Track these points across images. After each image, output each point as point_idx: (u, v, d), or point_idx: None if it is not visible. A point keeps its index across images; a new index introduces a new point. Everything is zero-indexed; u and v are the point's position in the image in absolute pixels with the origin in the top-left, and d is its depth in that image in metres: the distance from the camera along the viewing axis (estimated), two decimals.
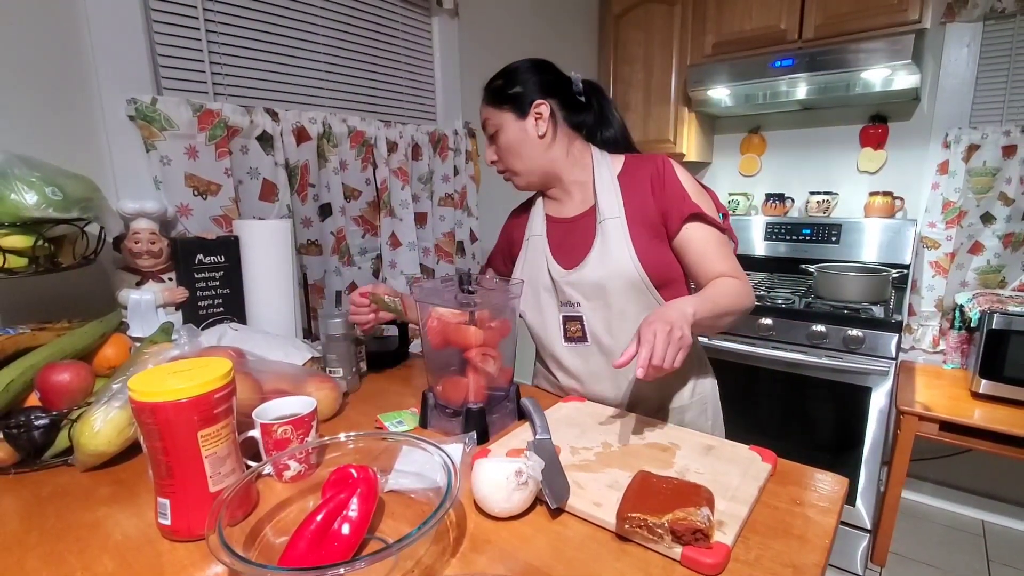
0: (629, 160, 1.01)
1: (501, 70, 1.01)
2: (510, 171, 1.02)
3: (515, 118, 0.97)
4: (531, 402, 0.84)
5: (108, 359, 0.86)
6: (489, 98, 1.00)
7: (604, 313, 0.96)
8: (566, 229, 1.02)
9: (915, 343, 2.17)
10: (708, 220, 0.93)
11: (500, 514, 0.61)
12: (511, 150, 0.99)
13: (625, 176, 0.98)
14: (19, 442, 0.70)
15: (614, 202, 0.96)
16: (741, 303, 0.90)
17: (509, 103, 0.97)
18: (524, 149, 0.98)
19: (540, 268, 1.02)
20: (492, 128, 1.00)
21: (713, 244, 0.94)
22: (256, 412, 0.72)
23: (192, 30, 1.17)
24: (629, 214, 0.95)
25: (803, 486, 0.69)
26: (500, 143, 0.99)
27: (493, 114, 0.99)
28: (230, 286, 1.11)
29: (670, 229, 0.94)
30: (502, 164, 1.02)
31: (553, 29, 2.28)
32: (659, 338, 0.72)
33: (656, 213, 0.94)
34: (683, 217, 0.92)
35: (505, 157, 1.00)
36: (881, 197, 2.17)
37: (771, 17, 2.06)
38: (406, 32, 1.66)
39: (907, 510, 2.18)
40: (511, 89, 0.97)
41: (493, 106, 0.99)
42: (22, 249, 0.77)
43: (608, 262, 0.94)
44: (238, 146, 1.23)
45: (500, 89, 0.98)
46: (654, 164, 0.96)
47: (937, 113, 2.07)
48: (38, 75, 0.96)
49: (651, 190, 0.95)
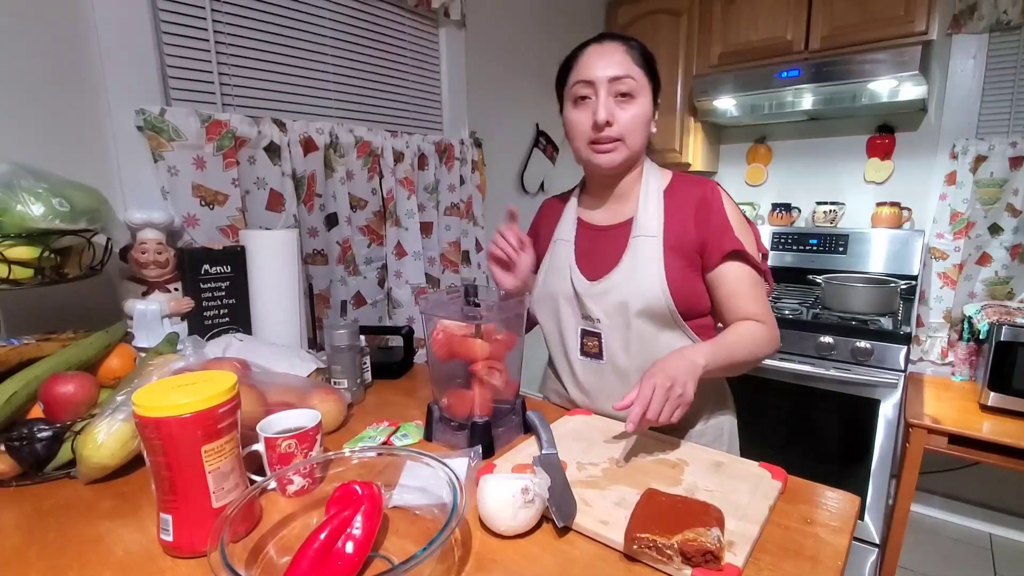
0: (677, 178, 0.95)
1: (639, 40, 0.91)
2: (622, 143, 0.89)
3: (651, 101, 0.90)
4: (537, 415, 0.83)
5: (113, 370, 0.86)
6: (639, 59, 0.88)
7: (623, 333, 0.91)
8: (595, 237, 0.97)
9: (923, 354, 2.15)
10: (748, 259, 0.89)
11: (506, 532, 0.60)
12: (640, 125, 0.89)
13: (671, 194, 0.93)
14: (21, 455, 0.70)
15: (654, 219, 0.91)
16: (760, 352, 0.88)
17: (654, 83, 0.90)
18: (644, 132, 0.90)
19: (563, 277, 0.97)
20: (631, 89, 0.87)
21: (747, 284, 0.90)
22: (260, 426, 0.71)
23: (201, 41, 1.18)
24: (667, 236, 0.89)
25: (814, 504, 0.68)
26: (632, 111, 0.87)
27: (640, 79, 0.87)
28: (236, 296, 1.11)
29: (707, 261, 0.90)
30: (618, 130, 0.87)
31: (559, 40, 2.29)
32: (657, 394, 0.72)
33: (695, 241, 0.89)
34: (723, 253, 0.88)
35: (628, 127, 0.88)
36: (888, 207, 2.16)
37: (777, 28, 2.06)
38: (413, 43, 1.67)
39: (915, 523, 2.15)
40: (655, 68, 0.90)
41: (643, 69, 0.88)
42: (28, 260, 0.77)
43: (635, 282, 0.89)
44: (245, 156, 1.23)
45: (651, 63, 0.90)
46: (703, 190, 0.91)
47: (944, 124, 2.06)
48: (48, 86, 0.97)
49: (694, 217, 0.90)
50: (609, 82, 0.86)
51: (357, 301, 1.53)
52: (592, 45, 0.91)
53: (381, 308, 1.63)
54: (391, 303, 1.64)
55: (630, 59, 0.87)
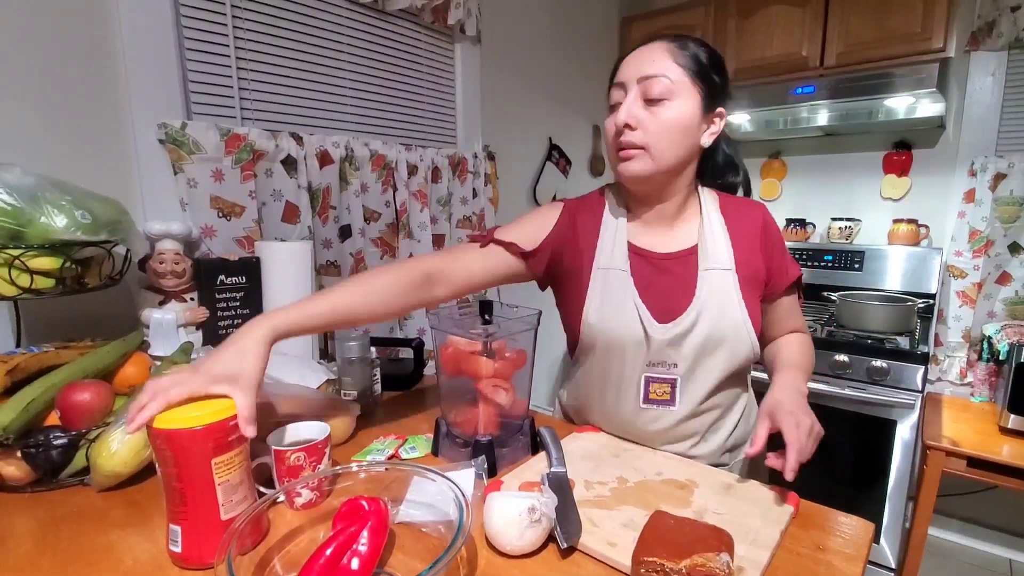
0: (724, 200, 0.88)
1: (700, 40, 0.81)
2: (644, 151, 0.78)
3: (700, 106, 0.78)
4: (549, 432, 0.83)
5: (129, 378, 0.87)
6: (684, 58, 0.77)
7: (702, 377, 0.84)
8: (655, 268, 0.85)
9: (942, 374, 2.11)
10: (799, 280, 0.91)
11: (512, 552, 0.60)
12: (672, 131, 0.78)
13: (729, 219, 0.86)
14: (37, 461, 0.71)
15: (723, 250, 0.83)
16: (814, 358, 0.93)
17: (705, 85, 0.78)
18: (680, 143, 0.79)
19: (630, 318, 0.83)
20: (661, 90, 0.76)
21: (794, 301, 0.93)
22: (270, 438, 0.71)
23: (223, 57, 1.21)
24: (739, 268, 0.83)
25: (827, 530, 0.67)
26: (662, 114, 0.77)
27: (679, 79, 0.77)
28: (250, 306, 1.13)
29: (772, 290, 0.87)
30: (641, 137, 0.78)
31: (574, 56, 2.31)
32: (808, 440, 0.72)
33: (762, 270, 0.85)
34: (791, 281, 0.88)
35: (656, 133, 0.77)
36: (906, 224, 2.13)
37: (792, 44, 2.06)
38: (429, 59, 1.70)
39: (932, 547, 2.10)
40: (714, 73, 0.79)
41: (684, 71, 0.77)
42: (50, 270, 0.79)
43: (717, 323, 0.81)
44: (263, 169, 1.25)
45: (703, 63, 0.79)
46: (760, 213, 0.86)
47: (963, 141, 2.04)
48: (75, 102, 1.00)
49: (760, 244, 0.85)
50: (638, 82, 0.77)
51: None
52: (639, 47, 0.82)
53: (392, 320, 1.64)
54: None
55: (670, 57, 0.77)
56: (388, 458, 0.85)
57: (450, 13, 1.64)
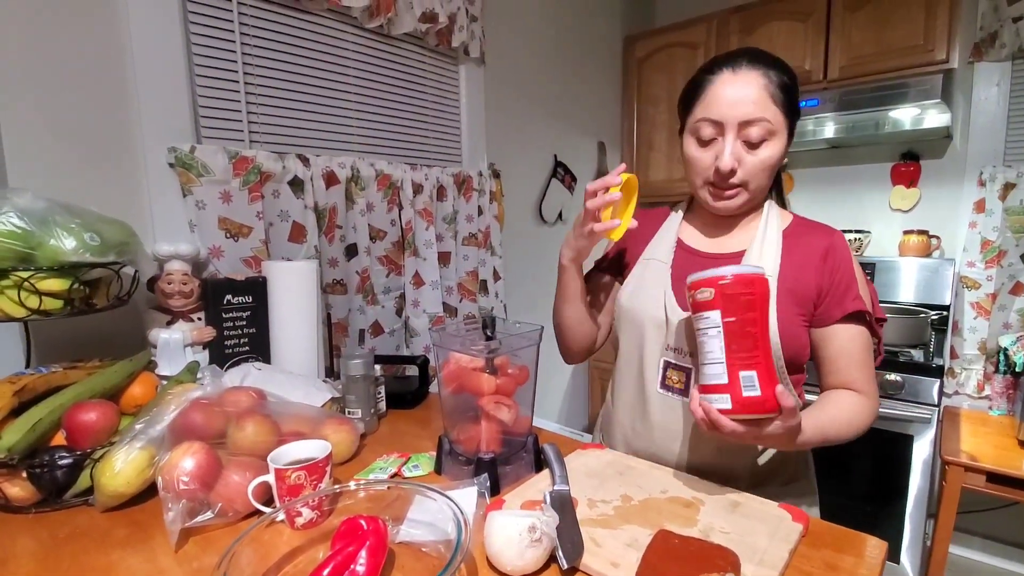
0: (799, 221, 0.88)
1: (775, 57, 0.79)
2: (744, 188, 0.81)
3: (787, 136, 0.79)
4: (553, 448, 0.82)
5: (135, 397, 0.88)
6: (779, 93, 0.76)
7: None
8: (697, 263, 0.85)
9: (959, 387, 2.06)
10: (867, 322, 0.81)
11: (513, 572, 0.59)
12: (770, 168, 0.79)
13: (792, 237, 0.85)
14: (42, 481, 0.72)
15: (770, 258, 0.82)
16: (855, 428, 0.80)
17: (793, 117, 0.79)
18: (772, 175, 0.81)
19: (655, 302, 0.86)
20: (765, 133, 0.76)
21: (859, 348, 0.81)
22: (271, 456, 0.71)
23: (232, 82, 1.24)
24: (782, 278, 0.81)
25: (838, 549, 0.65)
26: (763, 155, 0.78)
27: (776, 119, 0.77)
28: (256, 325, 1.13)
29: (823, 316, 0.81)
30: (743, 176, 0.79)
31: (578, 74, 2.34)
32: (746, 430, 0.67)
33: (812, 291, 0.81)
34: (845, 312, 0.80)
35: (755, 172, 0.79)
36: (916, 236, 2.11)
37: (794, 59, 2.06)
38: (434, 80, 1.73)
39: (954, 566, 2.03)
40: (795, 96, 0.79)
41: (780, 109, 0.77)
42: (59, 292, 0.81)
43: None
44: (270, 190, 1.27)
45: (792, 94, 0.78)
46: (832, 239, 0.83)
47: (970, 151, 2.03)
48: (89, 128, 1.03)
49: (819, 265, 0.81)
50: (740, 126, 0.77)
51: (375, 330, 1.55)
52: (725, 71, 0.78)
53: (399, 337, 1.64)
54: (408, 332, 1.65)
55: (767, 95, 0.76)
56: (391, 476, 0.84)
57: (454, 36, 1.67)
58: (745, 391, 0.66)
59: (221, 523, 0.69)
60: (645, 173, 2.56)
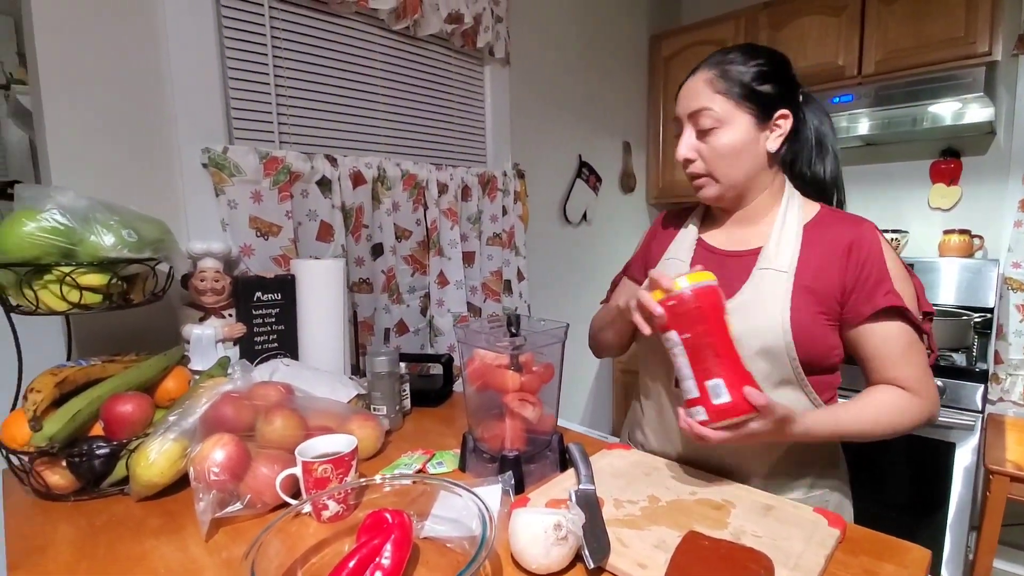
0: (826, 213, 0.84)
1: (749, 49, 0.82)
2: (710, 177, 0.83)
3: (753, 123, 0.80)
4: (578, 448, 0.81)
5: (169, 391, 0.90)
6: (724, 85, 0.79)
7: None
8: (715, 263, 0.85)
9: (1003, 394, 1.97)
10: (906, 316, 0.76)
11: (538, 570, 0.58)
12: (728, 156, 0.81)
13: (814, 230, 0.82)
14: (80, 470, 0.74)
15: (787, 254, 0.80)
16: (882, 427, 0.76)
17: (753, 103, 0.79)
18: (740, 162, 0.81)
19: None
20: (711, 123, 0.80)
21: (899, 345, 0.76)
22: (299, 449, 0.72)
23: (263, 85, 1.26)
24: (800, 274, 0.78)
25: (878, 556, 0.62)
26: (714, 143, 0.80)
27: (723, 107, 0.79)
28: (285, 322, 1.15)
29: (851, 314, 0.77)
30: (703, 166, 0.83)
31: (603, 73, 2.32)
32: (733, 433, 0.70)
33: (837, 288, 0.77)
34: (876, 308, 0.75)
35: (713, 160, 0.81)
36: (957, 235, 2.03)
37: (827, 55, 2.01)
38: (459, 81, 1.73)
39: None
40: (761, 85, 0.79)
41: (727, 98, 0.79)
42: (98, 286, 0.83)
43: (752, 317, 0.77)
44: (299, 190, 1.30)
45: (746, 83, 0.79)
46: (859, 230, 0.79)
47: (1015, 147, 1.94)
48: (126, 129, 1.06)
49: (843, 259, 0.78)
50: (689, 117, 0.82)
51: (400, 329, 1.56)
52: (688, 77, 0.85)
53: (423, 336, 1.65)
54: (433, 331, 1.66)
55: (710, 89, 0.80)
56: (416, 472, 0.84)
57: (479, 37, 1.68)
58: (715, 399, 0.69)
59: (250, 514, 0.70)
60: (671, 173, 2.52)
